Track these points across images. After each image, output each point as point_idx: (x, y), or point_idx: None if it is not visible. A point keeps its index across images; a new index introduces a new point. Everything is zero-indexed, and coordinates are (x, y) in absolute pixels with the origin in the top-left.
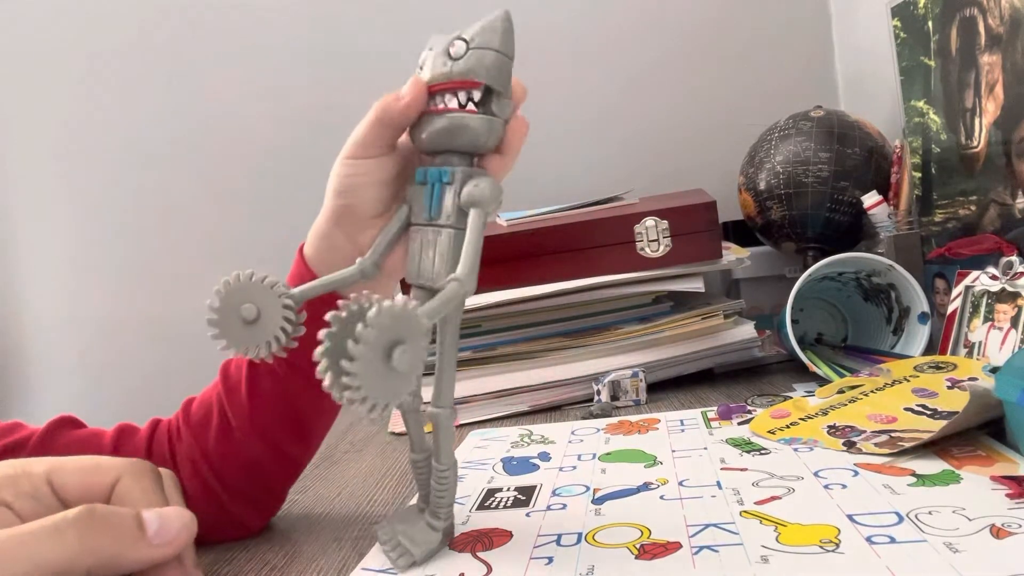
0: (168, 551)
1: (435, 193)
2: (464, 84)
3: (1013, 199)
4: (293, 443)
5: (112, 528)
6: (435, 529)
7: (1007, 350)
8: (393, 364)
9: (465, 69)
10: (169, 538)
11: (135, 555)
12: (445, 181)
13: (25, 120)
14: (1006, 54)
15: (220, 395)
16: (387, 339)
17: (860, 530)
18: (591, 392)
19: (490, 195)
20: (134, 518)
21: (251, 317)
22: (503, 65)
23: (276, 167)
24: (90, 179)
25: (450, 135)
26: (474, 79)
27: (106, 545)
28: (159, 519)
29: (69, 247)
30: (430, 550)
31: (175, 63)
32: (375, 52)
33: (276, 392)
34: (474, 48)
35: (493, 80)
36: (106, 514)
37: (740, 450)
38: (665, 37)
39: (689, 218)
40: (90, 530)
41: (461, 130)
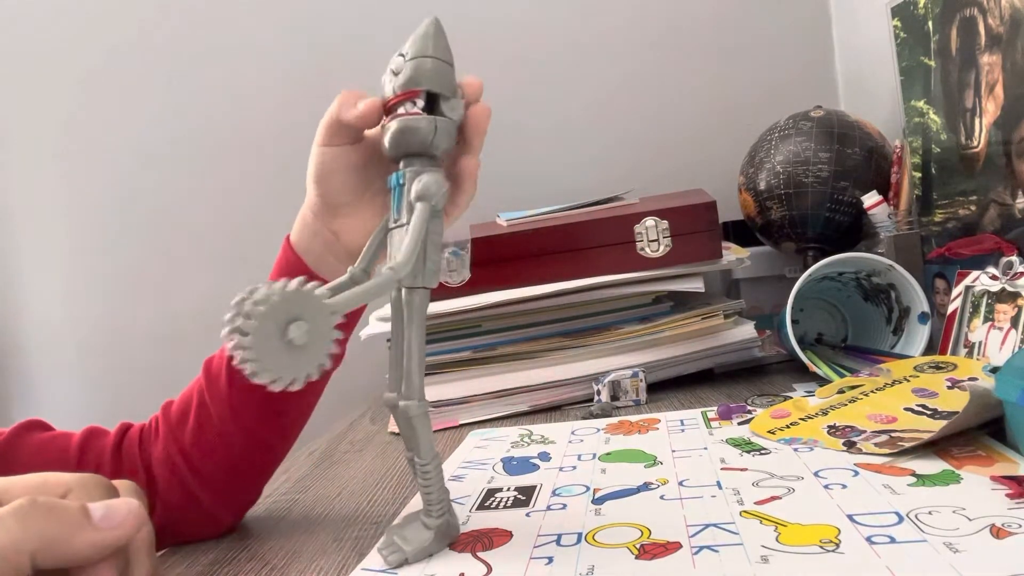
0: (115, 535)
1: (397, 196)
2: (407, 95)
3: (1013, 199)
4: (271, 433)
5: (55, 514)
6: (428, 527)
7: (1007, 350)
8: (290, 338)
9: (405, 80)
10: (115, 522)
11: (80, 538)
12: (400, 183)
13: (25, 121)
14: (1006, 54)
15: (201, 389)
16: (281, 316)
17: (860, 530)
18: (591, 392)
19: (433, 188)
20: (78, 507)
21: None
22: (439, 68)
23: (276, 169)
24: (90, 180)
25: (401, 137)
26: (414, 87)
27: (49, 529)
28: (105, 507)
29: (69, 247)
30: (422, 548)
31: (175, 65)
32: (376, 54)
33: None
34: (409, 60)
35: (432, 84)
36: (48, 502)
37: (740, 450)
38: (665, 37)
39: (689, 218)
40: (31, 516)
41: (410, 132)
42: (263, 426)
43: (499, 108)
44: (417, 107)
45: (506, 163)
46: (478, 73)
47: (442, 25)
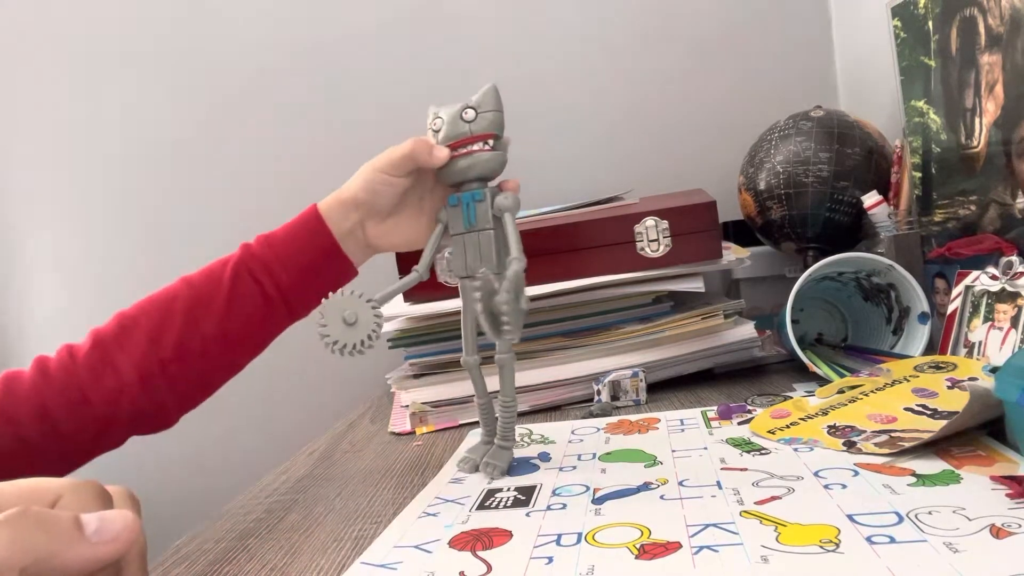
0: (108, 549)
1: (470, 209)
2: (482, 137)
3: (1013, 199)
4: (243, 354)
5: (45, 526)
6: (507, 448)
7: (1007, 350)
8: (522, 307)
9: (479, 127)
10: (109, 536)
11: (73, 553)
12: (478, 199)
13: (25, 120)
14: (1006, 54)
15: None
16: (517, 293)
17: (860, 530)
18: (591, 392)
19: (514, 202)
20: (71, 518)
21: (351, 320)
22: (500, 119)
23: (276, 168)
24: (91, 179)
25: (472, 168)
26: (488, 132)
27: (41, 544)
28: (99, 520)
29: (69, 247)
30: (509, 463)
31: (175, 62)
32: (377, 60)
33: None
34: (483, 112)
35: (496, 129)
36: (40, 514)
37: (740, 450)
38: (665, 37)
39: (689, 218)
40: (22, 529)
41: (482, 164)
42: (241, 344)
43: None
44: (487, 147)
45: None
46: (478, 73)
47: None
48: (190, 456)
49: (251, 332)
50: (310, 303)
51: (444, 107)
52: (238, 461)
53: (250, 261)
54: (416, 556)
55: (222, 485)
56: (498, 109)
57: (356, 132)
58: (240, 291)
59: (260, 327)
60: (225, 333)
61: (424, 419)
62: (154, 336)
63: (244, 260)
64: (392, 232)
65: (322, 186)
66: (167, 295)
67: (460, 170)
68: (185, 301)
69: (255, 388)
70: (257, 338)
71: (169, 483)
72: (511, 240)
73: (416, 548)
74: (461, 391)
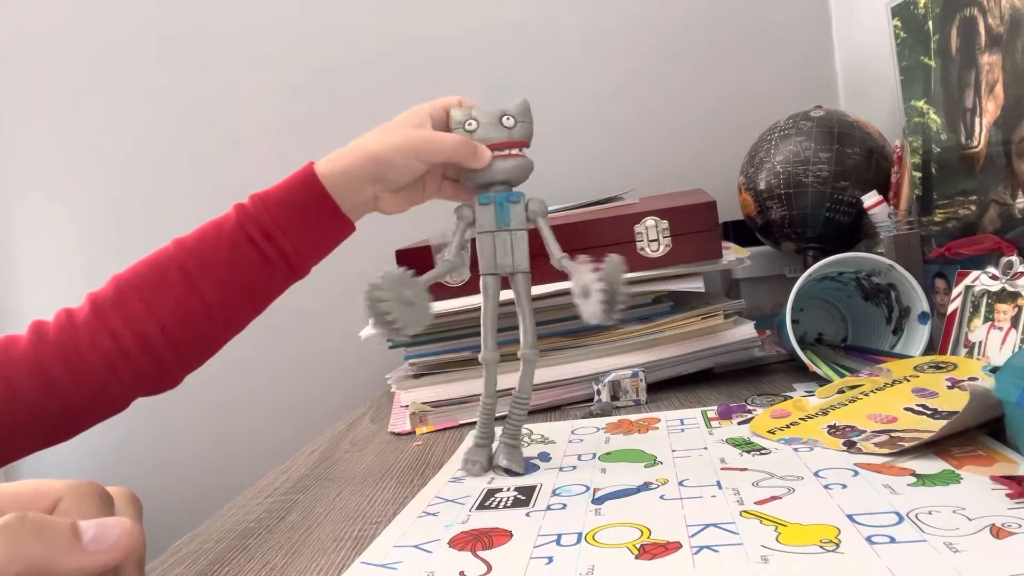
0: (105, 558)
1: (504, 209)
2: (521, 143)
3: (1013, 199)
4: (243, 312)
5: (43, 534)
6: (515, 448)
7: (1007, 350)
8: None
9: (520, 134)
10: (107, 544)
11: (69, 562)
12: (513, 200)
13: (25, 118)
14: (1006, 54)
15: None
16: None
17: (860, 530)
18: (591, 392)
19: (545, 208)
20: (68, 526)
21: (411, 301)
22: (532, 130)
23: (275, 168)
24: (91, 178)
25: (520, 172)
26: (524, 140)
27: (37, 552)
28: (96, 527)
29: (69, 245)
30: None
31: (175, 60)
32: (378, 57)
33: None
34: (521, 122)
35: (529, 139)
36: (37, 520)
37: (740, 450)
38: (665, 37)
39: (689, 218)
40: (19, 536)
41: (520, 168)
42: (240, 305)
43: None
44: (523, 152)
45: None
46: (478, 72)
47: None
48: (190, 456)
49: (252, 295)
50: (312, 263)
51: (475, 110)
52: (238, 461)
53: (248, 225)
54: (416, 556)
55: (222, 485)
56: (532, 121)
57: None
58: (240, 256)
59: (262, 290)
60: (226, 297)
61: (424, 419)
62: (151, 300)
63: (242, 224)
64: (395, 199)
65: None
66: (162, 257)
67: (497, 171)
68: (180, 264)
69: (255, 388)
70: (257, 299)
71: (169, 483)
72: (551, 242)
73: (416, 548)
74: (461, 391)
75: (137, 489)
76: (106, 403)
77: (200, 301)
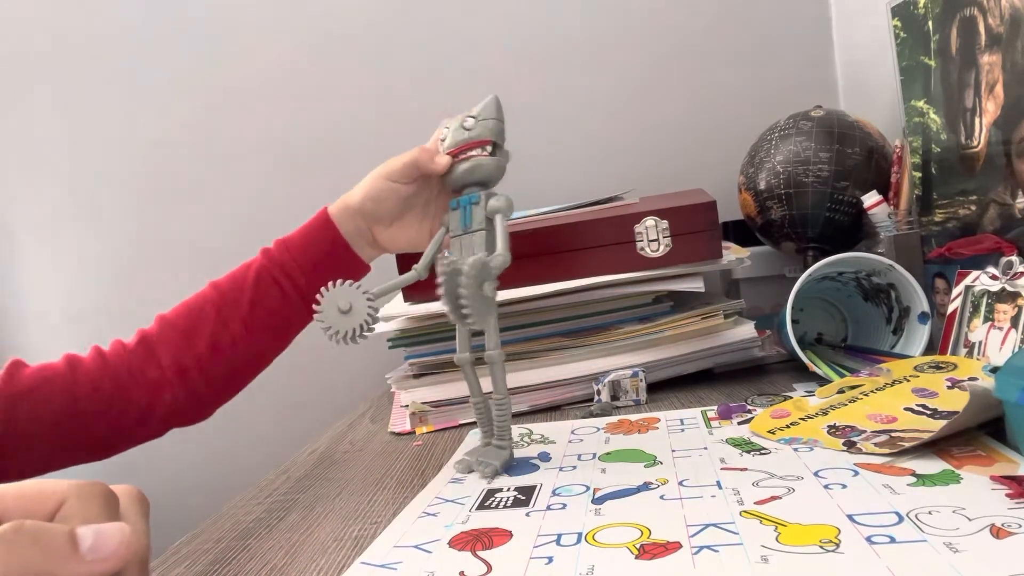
0: (104, 567)
1: (467, 212)
2: (480, 143)
3: (1013, 199)
4: (269, 346)
5: (40, 544)
6: (503, 448)
7: (1007, 350)
8: (485, 293)
9: (477, 133)
10: (105, 553)
11: (66, 572)
12: (474, 202)
13: (26, 116)
14: (1006, 54)
15: (217, 307)
16: (479, 279)
17: (860, 530)
18: (591, 392)
19: (507, 204)
20: (66, 534)
21: (345, 308)
22: (500, 127)
23: (276, 167)
24: (91, 177)
25: (472, 172)
26: (484, 139)
27: (33, 562)
28: (95, 535)
29: (71, 245)
30: (504, 462)
31: (176, 59)
32: (376, 61)
33: (277, 307)
34: (481, 120)
35: (495, 136)
36: (34, 529)
37: (740, 450)
38: (665, 37)
39: (689, 218)
40: (15, 546)
41: (479, 168)
42: (266, 340)
43: None
44: (485, 152)
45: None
46: (479, 72)
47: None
48: (190, 456)
49: (274, 329)
50: None
51: (452, 119)
52: (238, 461)
53: (270, 265)
54: (416, 556)
55: (222, 485)
56: (497, 118)
57: (357, 137)
58: (262, 293)
59: (282, 324)
60: (251, 331)
61: (424, 419)
62: (189, 335)
63: (265, 265)
64: (398, 235)
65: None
66: (199, 298)
67: (460, 174)
68: (214, 303)
69: (256, 388)
70: (280, 334)
71: (169, 483)
72: (499, 239)
73: (416, 548)
74: (461, 391)
75: None
76: (146, 428)
77: (229, 335)
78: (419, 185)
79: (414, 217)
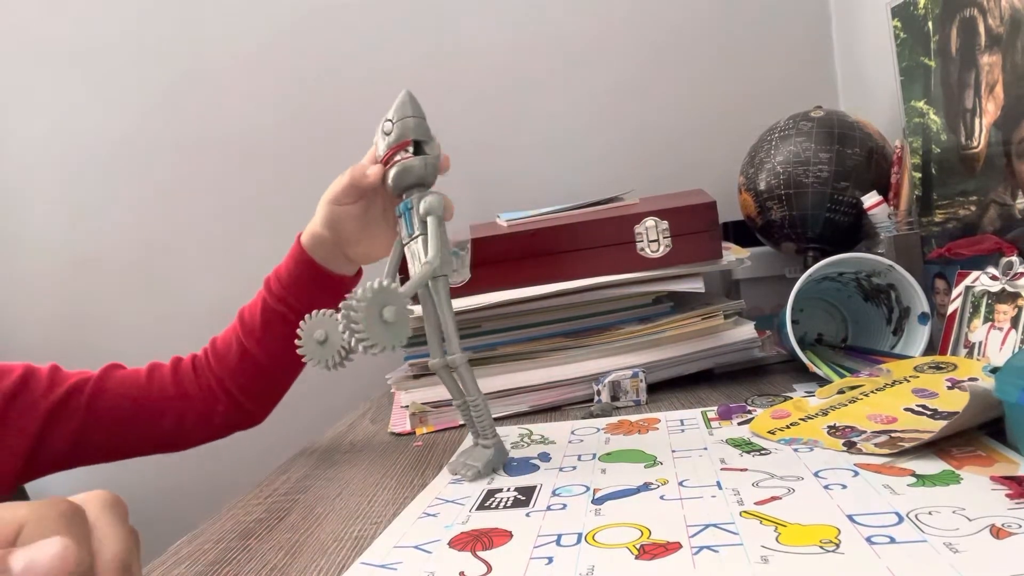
0: None
1: (407, 218)
2: (400, 146)
3: (1013, 199)
4: (289, 360)
5: None
6: (487, 447)
7: (1007, 350)
8: (385, 318)
9: (397, 136)
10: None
11: None
12: (409, 207)
13: (27, 114)
14: (1006, 54)
15: (238, 332)
16: (378, 303)
17: (860, 530)
18: (591, 392)
19: (437, 204)
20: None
21: (321, 339)
22: (418, 123)
23: (277, 168)
24: (93, 175)
25: (402, 176)
26: (405, 139)
27: None
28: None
29: (71, 244)
30: (487, 462)
31: (178, 59)
32: (377, 57)
33: (285, 332)
34: (397, 121)
35: (415, 134)
36: None
37: (740, 450)
38: (665, 37)
39: (689, 218)
40: None
41: (407, 171)
42: (284, 355)
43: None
44: (409, 153)
45: (506, 164)
46: (478, 72)
47: (413, 93)
48: (190, 456)
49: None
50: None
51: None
52: (238, 461)
53: (270, 297)
54: (416, 556)
55: (222, 485)
56: (413, 115)
57: (350, 137)
58: (270, 322)
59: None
60: (270, 354)
61: (424, 419)
62: (224, 357)
63: (267, 297)
64: (370, 249)
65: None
66: (232, 326)
67: (392, 181)
68: (237, 332)
69: None
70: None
71: (169, 483)
72: (431, 243)
73: (416, 548)
74: None
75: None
76: (206, 430)
77: (252, 359)
78: (368, 200)
79: (378, 229)
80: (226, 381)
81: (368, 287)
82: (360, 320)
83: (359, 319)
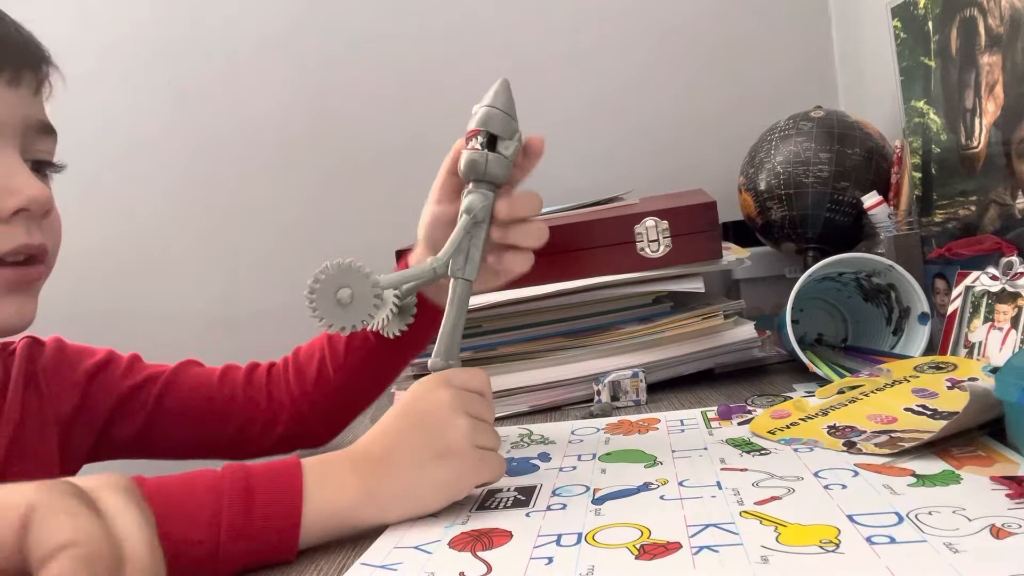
0: None
1: None
2: (473, 132)
3: (1013, 199)
4: (369, 386)
5: None
6: None
7: (1007, 350)
8: (339, 298)
9: (474, 123)
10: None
11: None
12: None
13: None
14: (1006, 54)
15: (323, 350)
16: (335, 283)
17: (860, 530)
18: (591, 392)
19: (475, 204)
20: None
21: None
22: (499, 116)
23: (278, 165)
24: (93, 174)
25: (466, 167)
26: (476, 128)
27: None
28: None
29: (74, 241)
30: None
31: (178, 59)
32: (376, 57)
33: (370, 364)
34: (479, 107)
35: (491, 127)
36: None
37: (740, 450)
38: (665, 37)
39: (689, 218)
40: None
41: (469, 163)
42: (363, 380)
43: None
44: (477, 143)
45: None
46: (476, 72)
47: (509, 84)
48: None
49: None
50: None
51: None
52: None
53: None
54: (416, 557)
55: None
56: (493, 105)
57: (354, 138)
58: (354, 347)
59: (375, 369)
60: (348, 376)
61: None
62: (302, 371)
63: None
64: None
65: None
66: (317, 341)
67: (460, 169)
68: (322, 349)
69: None
70: (377, 377)
71: None
72: (447, 243)
73: (416, 549)
74: None
75: None
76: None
77: (329, 379)
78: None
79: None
80: (299, 398)
81: (330, 264)
82: (315, 298)
83: (313, 297)
